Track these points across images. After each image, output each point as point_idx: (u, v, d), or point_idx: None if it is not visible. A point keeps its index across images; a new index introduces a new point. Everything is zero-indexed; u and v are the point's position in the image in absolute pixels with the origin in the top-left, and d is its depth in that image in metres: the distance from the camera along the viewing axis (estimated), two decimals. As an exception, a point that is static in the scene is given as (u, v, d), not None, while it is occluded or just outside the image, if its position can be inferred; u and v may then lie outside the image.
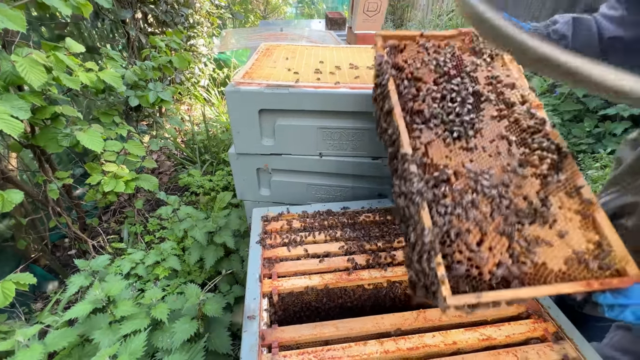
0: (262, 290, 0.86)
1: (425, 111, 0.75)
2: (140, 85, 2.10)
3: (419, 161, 0.69)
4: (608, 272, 0.58)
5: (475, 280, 0.57)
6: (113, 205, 2.57)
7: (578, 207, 0.64)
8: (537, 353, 0.72)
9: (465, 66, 0.83)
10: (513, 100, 0.77)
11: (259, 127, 1.13)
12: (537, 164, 0.68)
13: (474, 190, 0.65)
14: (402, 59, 0.84)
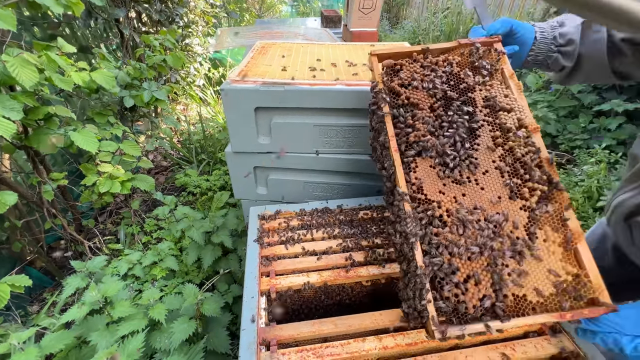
0: (260, 289, 0.85)
1: (421, 143, 0.77)
2: (135, 85, 2.08)
3: (415, 200, 0.73)
4: (582, 302, 0.63)
5: (461, 314, 0.64)
6: (109, 207, 2.55)
7: (561, 240, 0.69)
8: (535, 346, 0.73)
9: (464, 86, 0.82)
10: (509, 125, 0.77)
11: (255, 125, 1.12)
12: (527, 196, 0.71)
13: (465, 229, 0.69)
14: (399, 82, 0.84)
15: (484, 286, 0.65)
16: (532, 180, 0.72)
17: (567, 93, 2.95)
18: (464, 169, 0.75)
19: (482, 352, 0.72)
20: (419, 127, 0.78)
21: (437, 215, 0.71)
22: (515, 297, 0.65)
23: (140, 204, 2.54)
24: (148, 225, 2.28)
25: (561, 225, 0.69)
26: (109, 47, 2.89)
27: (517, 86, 0.82)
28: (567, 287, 0.65)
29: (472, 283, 0.66)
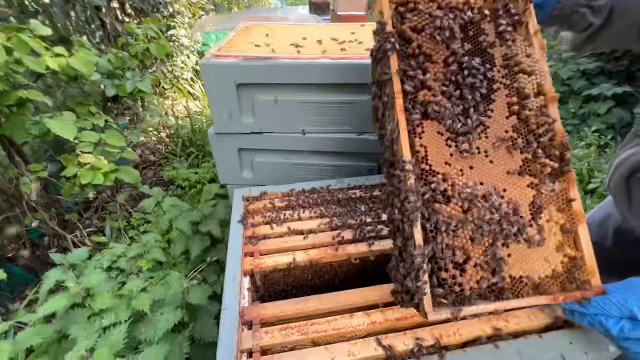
0: (244, 269, 0.81)
1: (432, 104, 0.66)
2: (117, 75, 2.01)
3: (418, 170, 0.64)
4: (575, 285, 0.61)
5: (456, 295, 0.60)
6: (95, 202, 2.48)
7: (564, 221, 0.65)
8: (529, 317, 0.70)
9: (483, 39, 0.70)
10: (527, 91, 0.68)
11: (237, 103, 1.08)
12: (537, 173, 0.66)
13: (469, 207, 0.63)
14: (411, 25, 0.69)
15: (483, 268, 0.61)
16: (545, 156, 0.66)
17: (557, 79, 2.95)
18: (475, 138, 0.66)
19: (475, 325, 0.69)
20: (431, 85, 0.67)
21: (441, 190, 0.64)
22: (512, 279, 0.62)
23: (127, 198, 2.47)
24: (135, 219, 2.22)
25: (566, 206, 0.65)
26: (91, 39, 2.80)
27: (541, 46, 0.71)
28: (563, 270, 0.63)
29: (471, 264, 0.61)
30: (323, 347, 0.65)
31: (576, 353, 0.63)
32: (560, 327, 0.69)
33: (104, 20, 2.40)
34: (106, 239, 1.93)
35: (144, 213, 2.27)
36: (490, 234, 0.62)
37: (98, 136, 1.70)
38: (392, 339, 0.66)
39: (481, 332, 0.67)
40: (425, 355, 0.64)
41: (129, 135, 2.27)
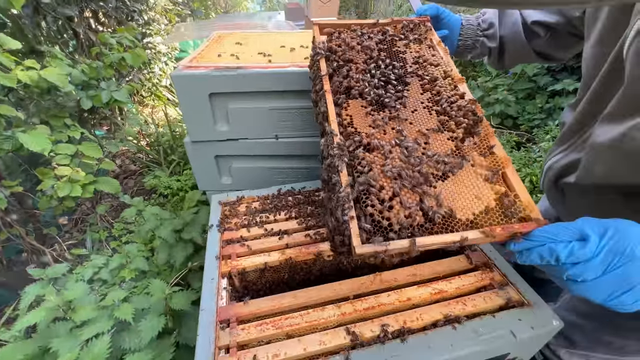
0: (221, 271, 0.85)
1: (355, 87, 0.82)
2: (92, 85, 2.00)
3: (343, 130, 0.75)
4: (513, 219, 0.60)
5: (386, 231, 0.60)
6: (75, 214, 2.44)
7: (489, 164, 0.69)
8: (484, 300, 0.77)
9: (395, 49, 0.90)
10: (436, 75, 0.84)
11: (211, 112, 1.11)
12: (453, 128, 0.75)
13: (391, 151, 0.70)
14: (336, 43, 0.91)
15: (410, 204, 0.62)
16: (459, 115, 0.76)
17: (524, 76, 3.11)
18: (394, 108, 0.79)
19: (435, 309, 0.75)
20: (353, 76, 0.84)
21: (365, 143, 0.73)
22: (443, 216, 0.62)
23: (108, 209, 2.45)
24: (116, 229, 2.20)
25: (488, 152, 0.71)
26: (64, 50, 2.75)
27: (444, 50, 0.89)
28: (496, 206, 0.63)
29: (398, 201, 0.62)
30: (296, 339, 0.70)
31: (524, 328, 0.70)
32: (512, 307, 0.76)
33: (77, 31, 2.37)
34: (87, 252, 1.92)
35: (126, 223, 2.25)
36: (415, 173, 0.65)
37: (75, 148, 1.69)
38: (360, 327, 0.71)
39: (441, 316, 0.73)
40: (390, 340, 0.69)
41: (107, 146, 2.25)
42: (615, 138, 0.61)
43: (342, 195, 0.63)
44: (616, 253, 0.46)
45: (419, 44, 0.92)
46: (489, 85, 3.24)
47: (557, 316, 0.73)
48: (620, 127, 0.59)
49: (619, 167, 0.63)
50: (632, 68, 0.57)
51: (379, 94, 0.80)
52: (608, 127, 0.63)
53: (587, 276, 0.48)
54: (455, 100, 0.78)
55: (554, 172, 0.83)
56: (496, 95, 3.09)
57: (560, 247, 0.50)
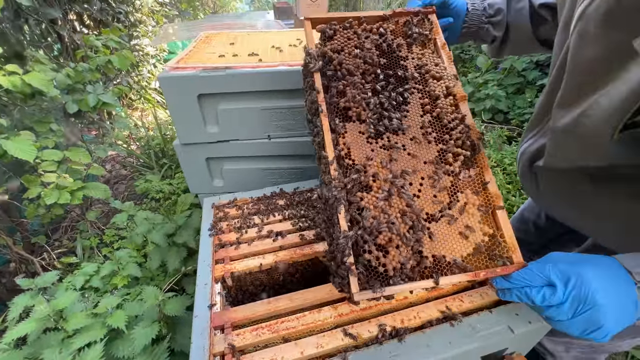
0: (214, 275, 0.83)
1: (351, 109, 0.76)
2: (78, 89, 1.95)
3: (340, 163, 0.72)
4: (498, 261, 0.66)
5: (382, 276, 0.64)
6: (64, 222, 2.39)
7: (481, 203, 0.71)
8: (481, 295, 0.77)
9: (396, 55, 0.82)
10: (437, 92, 0.79)
11: (200, 113, 1.09)
12: (451, 161, 0.73)
13: (389, 193, 0.69)
14: (331, 47, 0.81)
15: (405, 249, 0.66)
16: (457, 146, 0.74)
17: (513, 71, 3.14)
18: (392, 134, 0.75)
19: (432, 307, 0.74)
20: (350, 93, 0.77)
21: (363, 180, 0.70)
22: (434, 258, 0.66)
23: (98, 215, 2.40)
24: (108, 236, 2.16)
25: (482, 189, 0.72)
26: (48, 53, 2.68)
27: (448, 56, 0.83)
28: (483, 248, 0.67)
29: (394, 246, 0.65)
30: (293, 342, 0.69)
31: (521, 323, 0.70)
32: (507, 301, 0.76)
33: (61, 34, 2.32)
34: (78, 259, 1.87)
35: (117, 229, 2.21)
36: (410, 217, 0.67)
37: (62, 154, 1.65)
38: (358, 328, 0.70)
39: (438, 313, 0.72)
40: (388, 340, 0.68)
41: (96, 150, 2.20)
42: (568, 123, 0.63)
43: (341, 242, 0.64)
44: (580, 301, 0.52)
45: (422, 46, 0.84)
46: (479, 81, 3.26)
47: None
48: (571, 113, 0.62)
49: (574, 150, 0.65)
50: (573, 54, 0.57)
51: (378, 117, 0.75)
52: (561, 113, 0.65)
53: (560, 318, 0.55)
54: (456, 127, 0.75)
55: (527, 156, 0.83)
56: (486, 90, 3.12)
57: (534, 292, 0.57)
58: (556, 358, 0.99)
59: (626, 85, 0.49)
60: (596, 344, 0.90)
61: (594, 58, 0.55)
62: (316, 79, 0.77)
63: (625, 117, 0.50)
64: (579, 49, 0.57)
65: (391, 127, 0.75)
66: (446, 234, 0.68)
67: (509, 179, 2.42)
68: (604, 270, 0.54)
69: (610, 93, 0.52)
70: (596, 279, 0.53)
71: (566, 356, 0.98)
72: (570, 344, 0.95)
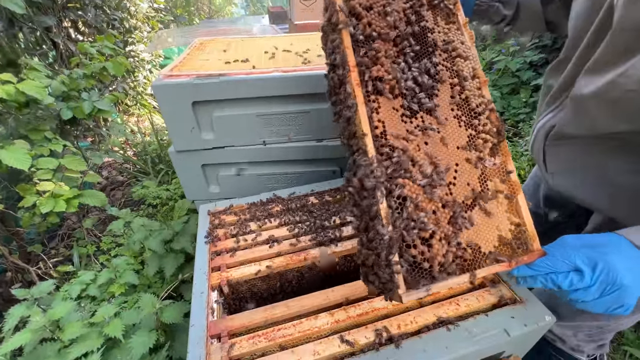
0: (211, 283, 0.83)
1: (386, 80, 0.66)
2: (73, 96, 1.94)
3: (378, 146, 0.62)
4: (522, 250, 0.64)
5: (426, 272, 0.59)
6: (61, 230, 2.38)
7: (507, 191, 0.68)
8: (477, 299, 0.77)
9: (424, 24, 0.72)
10: (465, 73, 0.72)
11: (195, 120, 1.09)
12: (481, 148, 0.69)
13: (430, 181, 0.63)
14: (359, 2, 0.68)
15: (447, 241, 0.62)
16: (485, 132, 0.70)
17: (508, 72, 3.16)
18: (427, 114, 0.68)
19: (428, 311, 0.74)
20: (383, 61, 0.66)
21: (405, 168, 0.62)
22: (473, 250, 0.63)
23: (95, 222, 2.39)
24: (105, 243, 2.15)
25: (506, 177, 0.69)
26: (43, 60, 2.68)
27: (470, 36, 0.76)
28: (511, 237, 0.66)
29: (437, 238, 0.61)
30: (290, 350, 0.69)
31: (517, 326, 0.70)
32: (505, 304, 0.76)
33: (56, 41, 2.31)
34: (74, 268, 1.86)
35: (114, 236, 2.20)
36: (450, 207, 0.63)
37: (57, 162, 1.65)
38: (354, 334, 0.70)
39: (434, 318, 0.73)
40: (385, 345, 0.68)
41: (92, 157, 2.19)
42: (599, 87, 0.63)
43: (386, 238, 0.57)
44: (608, 283, 0.55)
45: (446, 20, 0.75)
46: (474, 82, 3.28)
47: (549, 311, 0.74)
48: (603, 78, 0.62)
49: (602, 115, 0.66)
50: (621, 14, 0.56)
51: (413, 93, 0.67)
52: (591, 78, 0.66)
53: (586, 299, 0.58)
54: (483, 111, 0.70)
55: (544, 131, 0.83)
56: (481, 91, 3.13)
57: (561, 278, 0.58)
58: (565, 342, 1.01)
59: None
60: (604, 325, 0.92)
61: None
62: (344, 37, 0.65)
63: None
64: (629, 10, 0.55)
65: (425, 106, 0.67)
66: (480, 223, 0.65)
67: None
68: (625, 251, 0.57)
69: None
70: (621, 261, 0.55)
71: (574, 339, 1.00)
72: (579, 327, 0.96)
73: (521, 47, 3.17)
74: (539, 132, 0.86)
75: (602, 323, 0.92)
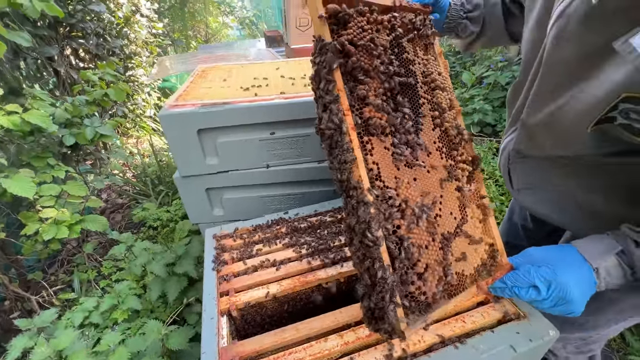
0: (220, 309, 0.84)
1: (374, 119, 0.65)
2: (76, 123, 1.98)
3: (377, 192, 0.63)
4: (494, 267, 0.72)
5: (422, 304, 0.63)
6: (60, 255, 2.36)
7: (482, 215, 0.75)
8: (482, 315, 0.79)
9: (406, 57, 0.72)
10: (444, 105, 0.74)
11: (200, 147, 1.12)
12: (459, 177, 0.73)
13: (419, 218, 0.65)
14: (348, 37, 0.65)
15: (438, 272, 0.65)
16: (462, 161, 0.74)
17: (497, 86, 3.27)
18: (415, 150, 0.68)
19: (437, 329, 0.76)
20: (373, 101, 0.65)
21: (397, 205, 0.63)
22: (458, 276, 0.67)
23: (95, 247, 2.37)
24: (105, 268, 2.13)
25: (480, 202, 0.75)
26: (44, 87, 2.73)
27: (445, 65, 0.79)
28: (487, 257, 0.72)
29: (430, 272, 0.63)
30: (301, 374, 0.69)
31: (523, 341, 0.72)
32: (509, 320, 0.78)
33: (58, 70, 2.37)
34: (75, 295, 1.84)
35: (115, 260, 2.19)
36: (438, 239, 0.66)
37: (59, 188, 1.66)
38: (364, 356, 0.71)
39: (442, 337, 0.74)
40: (395, 366, 0.69)
41: (93, 182, 2.21)
42: (542, 118, 0.70)
43: (389, 282, 0.59)
44: (560, 298, 0.64)
45: (424, 51, 0.76)
46: (466, 96, 3.38)
47: (553, 326, 0.75)
48: (544, 109, 0.69)
49: (547, 141, 0.74)
50: (550, 53, 0.62)
51: (403, 132, 0.68)
52: (534, 109, 0.72)
53: (542, 307, 0.68)
54: (460, 142, 0.74)
55: (508, 150, 0.88)
56: (473, 105, 3.23)
57: (523, 292, 0.67)
58: (557, 356, 1.06)
59: (602, 84, 0.54)
60: (586, 336, 0.98)
61: (570, 58, 0.59)
62: (337, 78, 0.62)
63: (600, 113, 0.56)
64: (556, 48, 0.61)
65: (414, 143, 0.68)
66: (462, 249, 0.70)
67: (502, 190, 2.48)
68: (574, 269, 0.65)
69: (585, 91, 0.57)
70: (571, 277, 0.64)
71: (564, 351, 1.04)
72: (567, 339, 1.01)
73: (509, 62, 3.29)
74: (504, 151, 0.91)
75: (584, 334, 0.96)
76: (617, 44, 0.49)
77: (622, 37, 0.48)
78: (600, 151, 0.64)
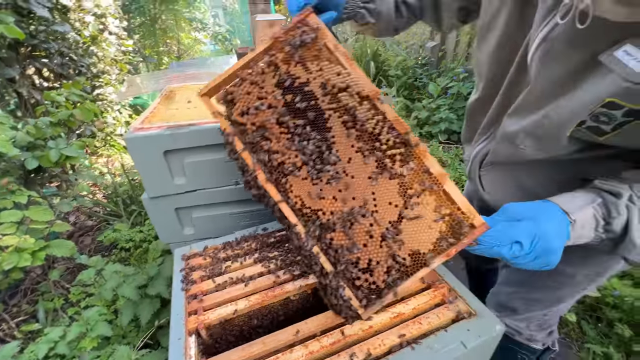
0: (188, 328, 0.85)
1: (286, 162, 0.77)
2: (39, 145, 1.92)
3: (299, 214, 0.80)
4: (463, 232, 0.71)
5: (376, 290, 0.77)
6: (23, 285, 2.23)
7: (433, 187, 0.73)
8: (437, 316, 0.85)
9: (298, 83, 0.76)
10: (352, 104, 0.74)
11: (167, 168, 1.14)
12: (390, 165, 0.74)
13: (352, 221, 0.76)
14: (238, 112, 0.78)
15: (385, 261, 0.74)
16: (390, 148, 0.74)
17: (461, 96, 3.48)
18: (331, 166, 0.75)
19: (395, 332, 0.81)
20: (277, 148, 0.77)
21: (326, 221, 0.76)
22: (411, 256, 0.73)
23: (62, 273, 2.27)
24: (74, 294, 2.04)
25: (427, 175, 0.73)
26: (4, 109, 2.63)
27: (345, 55, 0.75)
28: (447, 228, 0.72)
29: (374, 263, 0.75)
30: (268, 386, 0.72)
31: (472, 337, 0.78)
32: (462, 318, 0.84)
33: (19, 91, 2.30)
34: (40, 325, 1.75)
35: (84, 286, 2.10)
36: (378, 232, 0.74)
37: (21, 214, 1.60)
38: (328, 364, 0.75)
39: (400, 339, 0.79)
40: (356, 371, 0.73)
41: (59, 205, 2.13)
42: (524, 127, 0.75)
43: (333, 284, 0.78)
44: (542, 250, 0.65)
45: (316, 59, 0.76)
46: (433, 106, 3.56)
47: (500, 321, 0.82)
48: (527, 118, 0.73)
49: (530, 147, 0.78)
50: (537, 72, 0.68)
51: (312, 159, 0.77)
52: (516, 119, 0.78)
53: (522, 263, 0.67)
54: (381, 130, 0.74)
55: (479, 159, 0.98)
56: (440, 114, 3.41)
57: (505, 250, 0.66)
58: (522, 334, 1.14)
59: (585, 93, 0.60)
60: (547, 312, 1.07)
61: (559, 74, 0.65)
62: (246, 158, 0.80)
63: (580, 119, 0.63)
64: (544, 68, 0.66)
65: (327, 160, 0.75)
66: (413, 230, 0.73)
67: (468, 195, 2.61)
68: (556, 221, 0.66)
69: (572, 100, 0.63)
70: (552, 227, 0.65)
71: (528, 330, 1.12)
72: (530, 319, 1.10)
73: (469, 74, 3.51)
74: (475, 159, 1.00)
75: (546, 311, 1.06)
76: (602, 56, 0.56)
77: (607, 49, 0.55)
78: (572, 149, 0.72)
